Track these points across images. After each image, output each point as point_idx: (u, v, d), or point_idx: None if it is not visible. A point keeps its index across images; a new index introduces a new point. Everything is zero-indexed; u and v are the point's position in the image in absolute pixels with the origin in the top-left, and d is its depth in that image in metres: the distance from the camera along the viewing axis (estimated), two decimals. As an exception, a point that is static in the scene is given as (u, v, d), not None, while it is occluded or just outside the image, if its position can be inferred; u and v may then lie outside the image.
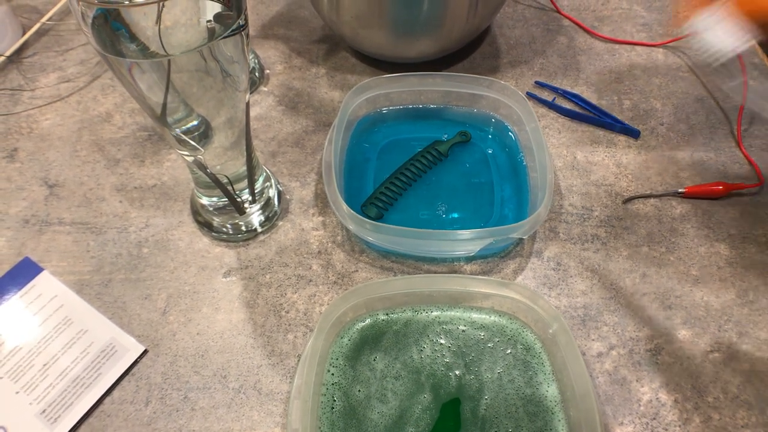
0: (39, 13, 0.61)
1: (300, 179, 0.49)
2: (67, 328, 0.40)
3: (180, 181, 0.48)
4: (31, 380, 0.38)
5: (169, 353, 0.39)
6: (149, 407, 0.37)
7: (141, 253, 0.44)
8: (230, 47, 0.32)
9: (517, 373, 0.37)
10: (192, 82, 0.31)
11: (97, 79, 0.56)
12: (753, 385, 0.38)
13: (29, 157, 0.50)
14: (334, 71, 0.57)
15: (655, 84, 0.56)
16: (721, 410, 0.37)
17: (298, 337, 0.40)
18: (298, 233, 0.45)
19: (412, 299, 0.40)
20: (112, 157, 0.50)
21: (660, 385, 0.38)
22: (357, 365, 0.37)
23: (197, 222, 0.45)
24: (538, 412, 0.36)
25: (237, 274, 0.43)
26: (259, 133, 0.52)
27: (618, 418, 0.37)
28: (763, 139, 0.51)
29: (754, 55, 0.58)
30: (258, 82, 0.55)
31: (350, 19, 0.51)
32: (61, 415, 0.37)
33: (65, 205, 0.47)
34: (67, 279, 0.42)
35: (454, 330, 0.39)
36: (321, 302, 0.42)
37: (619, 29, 0.61)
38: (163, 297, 0.42)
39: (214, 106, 0.34)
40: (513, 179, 0.47)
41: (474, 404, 0.36)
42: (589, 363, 0.39)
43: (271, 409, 0.37)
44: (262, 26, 0.61)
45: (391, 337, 0.39)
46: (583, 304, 0.42)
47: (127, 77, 0.31)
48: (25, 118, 0.53)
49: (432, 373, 0.37)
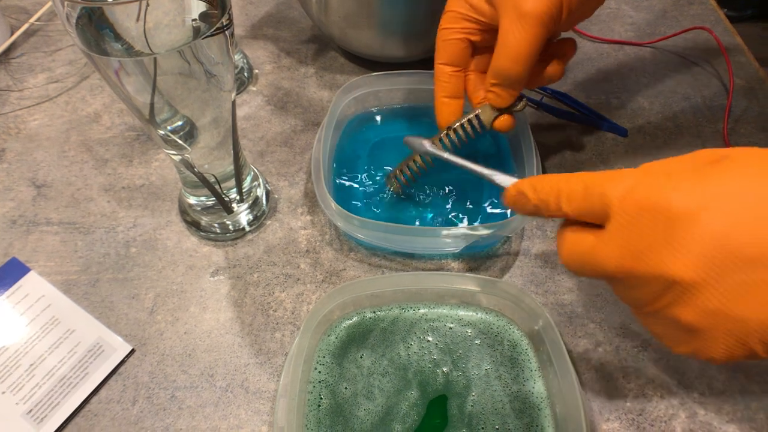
0: (27, 14, 0.61)
1: (288, 178, 0.49)
2: (54, 328, 0.40)
3: (168, 181, 0.48)
4: (17, 380, 0.38)
5: (157, 352, 0.39)
6: (136, 406, 0.37)
7: (129, 252, 0.44)
8: (214, 47, 0.32)
9: (503, 370, 0.37)
10: (176, 84, 0.32)
11: (86, 79, 0.56)
12: (738, 380, 0.38)
13: (17, 157, 0.50)
14: (323, 71, 0.57)
15: (643, 83, 0.56)
16: (706, 405, 0.37)
17: (286, 336, 0.40)
18: (287, 232, 0.45)
19: (400, 297, 0.40)
20: (100, 157, 0.50)
21: (646, 381, 0.38)
22: (344, 363, 0.37)
23: (185, 221, 0.45)
24: (525, 408, 0.36)
25: (225, 273, 0.43)
26: (248, 133, 0.52)
27: (604, 414, 0.37)
28: (749, 138, 0.52)
29: (740, 54, 0.58)
30: (247, 82, 0.55)
31: (338, 20, 0.51)
32: (47, 414, 0.37)
33: (53, 206, 0.47)
34: (54, 279, 0.42)
35: (442, 327, 0.39)
36: (309, 301, 0.42)
37: (607, 29, 0.61)
38: (150, 296, 0.42)
39: (198, 107, 0.34)
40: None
41: (461, 401, 0.36)
42: (576, 360, 0.39)
43: (258, 408, 0.37)
44: (251, 26, 0.61)
45: (378, 335, 0.39)
46: (570, 301, 0.42)
47: (113, 78, 0.31)
48: (13, 118, 0.52)
49: (419, 370, 0.37)
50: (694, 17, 0.63)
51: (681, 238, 0.24)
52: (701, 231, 0.23)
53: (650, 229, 0.25)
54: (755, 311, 0.23)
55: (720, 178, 0.24)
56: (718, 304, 0.24)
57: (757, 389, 0.38)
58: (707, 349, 0.25)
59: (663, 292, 0.25)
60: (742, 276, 0.23)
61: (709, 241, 0.23)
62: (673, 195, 0.24)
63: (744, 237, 0.23)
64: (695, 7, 0.64)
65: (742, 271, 0.23)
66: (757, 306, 0.23)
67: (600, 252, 0.27)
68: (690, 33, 0.60)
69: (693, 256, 0.23)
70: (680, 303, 0.25)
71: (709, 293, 0.24)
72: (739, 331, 0.24)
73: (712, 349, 0.25)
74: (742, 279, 0.23)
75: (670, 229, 0.24)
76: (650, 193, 0.25)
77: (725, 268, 0.23)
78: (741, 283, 0.23)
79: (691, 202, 0.24)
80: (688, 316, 0.25)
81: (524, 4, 0.34)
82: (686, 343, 0.26)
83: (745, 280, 0.23)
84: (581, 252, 0.28)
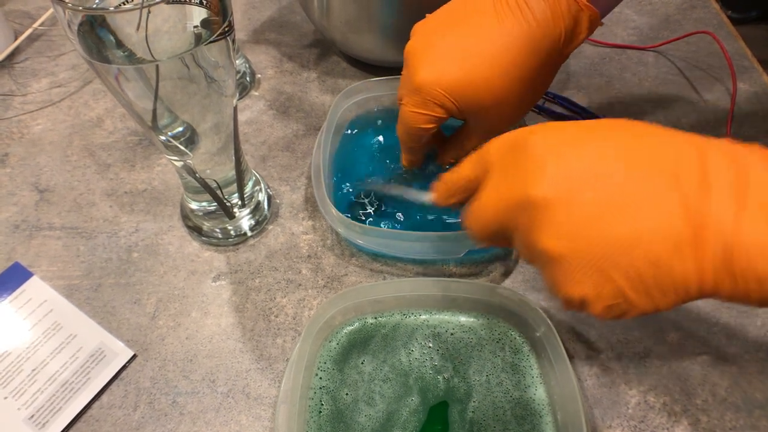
0: (31, 18, 0.61)
1: (290, 183, 0.49)
2: (56, 333, 0.40)
3: (170, 186, 0.48)
4: (19, 385, 0.38)
5: (158, 358, 0.39)
6: (138, 412, 0.37)
7: (131, 257, 0.44)
8: (216, 52, 0.32)
9: (505, 377, 0.37)
10: (175, 90, 0.32)
11: (89, 84, 0.56)
12: (741, 387, 0.38)
13: (20, 162, 0.50)
14: (325, 75, 0.57)
15: (646, 87, 0.56)
16: (709, 412, 0.37)
17: (287, 342, 0.40)
18: (288, 237, 0.45)
19: (401, 303, 0.40)
20: (103, 161, 0.50)
21: (648, 387, 0.38)
22: (345, 369, 0.37)
23: (187, 226, 0.45)
24: (526, 415, 0.36)
25: (226, 279, 0.43)
26: (250, 138, 0.52)
27: (606, 421, 0.37)
28: (753, 142, 0.51)
29: (744, 58, 0.58)
30: (249, 86, 0.55)
31: (340, 24, 0.51)
32: (49, 420, 0.37)
33: (55, 210, 0.47)
34: (56, 284, 0.43)
35: (443, 333, 0.39)
36: (310, 306, 0.42)
37: (609, 33, 0.61)
38: (152, 301, 0.42)
39: (198, 113, 0.34)
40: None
41: (462, 407, 0.36)
42: (578, 366, 0.39)
43: (259, 414, 0.37)
44: (253, 31, 0.61)
45: (380, 341, 0.39)
46: (571, 307, 0.42)
47: (114, 84, 0.31)
48: (17, 123, 0.53)
49: (420, 376, 0.37)
50: (698, 21, 0.62)
51: (536, 163, 0.26)
52: (555, 158, 0.26)
53: (512, 164, 0.27)
54: (603, 231, 0.24)
55: (571, 129, 0.27)
56: (572, 225, 0.25)
57: (761, 397, 0.38)
58: (576, 288, 0.26)
59: (524, 219, 0.26)
60: (597, 191, 0.25)
61: (562, 163, 0.26)
62: (530, 136, 0.27)
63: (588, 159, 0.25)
64: (698, 11, 0.64)
65: (592, 189, 0.25)
66: (605, 226, 0.24)
67: (483, 202, 0.29)
68: (693, 37, 0.60)
69: (548, 177, 0.25)
70: (539, 226, 0.26)
71: (562, 212, 0.25)
72: (599, 258, 0.25)
73: (581, 286, 0.25)
74: (597, 194, 0.25)
75: (526, 160, 0.26)
76: (513, 135, 0.28)
77: (580, 186, 0.25)
78: (591, 202, 0.25)
79: (545, 140, 0.27)
80: (548, 241, 0.26)
81: (416, 79, 0.36)
82: (558, 280, 0.26)
83: (594, 198, 0.24)
84: (472, 212, 0.30)
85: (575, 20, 0.36)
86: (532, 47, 0.36)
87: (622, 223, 0.24)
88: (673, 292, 0.24)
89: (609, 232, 0.24)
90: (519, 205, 0.26)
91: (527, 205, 0.26)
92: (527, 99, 0.39)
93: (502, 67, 0.36)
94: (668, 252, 0.23)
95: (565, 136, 0.27)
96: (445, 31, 0.37)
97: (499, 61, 0.35)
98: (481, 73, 0.36)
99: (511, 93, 0.37)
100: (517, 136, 0.28)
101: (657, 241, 0.24)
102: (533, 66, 0.36)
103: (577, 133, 0.27)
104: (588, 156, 0.25)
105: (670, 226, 0.23)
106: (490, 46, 0.35)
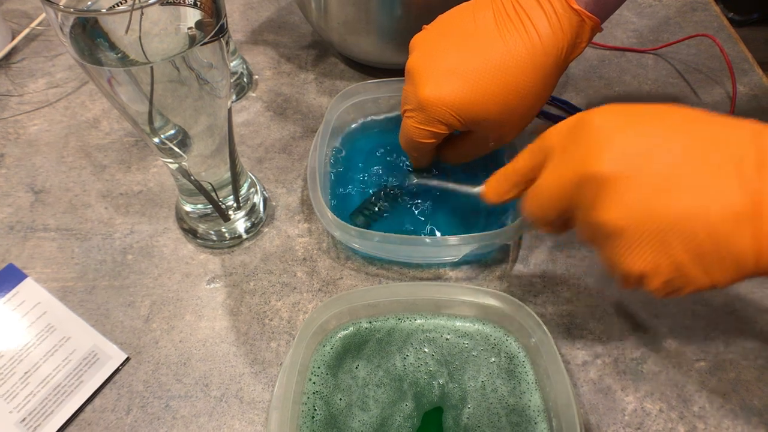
0: (29, 18, 0.61)
1: (287, 185, 0.48)
2: (50, 335, 0.40)
3: (166, 188, 0.48)
4: (11, 388, 0.38)
5: (152, 361, 0.39)
6: (130, 415, 0.37)
7: (125, 259, 0.44)
8: (209, 54, 0.32)
9: (500, 382, 0.37)
10: (166, 93, 0.31)
11: (85, 84, 0.56)
12: (738, 394, 0.38)
13: (16, 162, 0.50)
14: (323, 77, 0.57)
15: (645, 90, 0.56)
16: (706, 419, 0.37)
17: (281, 346, 0.40)
18: (284, 240, 0.45)
19: (396, 307, 0.40)
20: (99, 163, 0.50)
21: (645, 394, 0.38)
22: (339, 373, 0.37)
23: (182, 229, 0.45)
24: (521, 421, 0.36)
25: (221, 282, 0.43)
26: (246, 139, 0.51)
27: (602, 428, 0.37)
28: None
29: (744, 61, 0.58)
30: (246, 87, 0.55)
31: (338, 26, 0.51)
32: (41, 423, 0.36)
33: (51, 212, 0.46)
34: (50, 286, 0.42)
35: (438, 338, 0.39)
36: (305, 310, 0.41)
37: (609, 35, 0.61)
38: (146, 304, 0.42)
39: (191, 115, 0.34)
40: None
41: (456, 413, 0.36)
42: (574, 372, 0.39)
43: (252, 418, 0.37)
44: (251, 32, 0.61)
45: (374, 345, 0.38)
46: (568, 312, 0.41)
47: (106, 87, 0.31)
48: (13, 123, 0.52)
49: (415, 381, 0.37)
50: (698, 24, 0.62)
51: (598, 141, 0.27)
52: (616, 135, 0.27)
53: (573, 144, 0.28)
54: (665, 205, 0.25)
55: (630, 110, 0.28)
56: (634, 199, 0.26)
57: (759, 404, 0.37)
58: (636, 262, 0.26)
59: (587, 195, 0.27)
60: (658, 166, 0.25)
61: (623, 140, 0.26)
62: (590, 116, 0.28)
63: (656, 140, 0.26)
64: (699, 14, 0.63)
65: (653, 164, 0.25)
66: (666, 200, 0.25)
67: (545, 183, 0.30)
68: (693, 40, 0.59)
69: (610, 153, 0.26)
70: (601, 201, 0.26)
71: (624, 186, 0.26)
72: (660, 231, 0.25)
73: (641, 260, 0.26)
74: (658, 169, 0.25)
75: (588, 139, 0.27)
76: (572, 119, 0.29)
77: (642, 162, 0.26)
78: (652, 176, 0.25)
79: (605, 119, 0.28)
80: (611, 215, 0.26)
81: (422, 94, 0.37)
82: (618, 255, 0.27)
83: (655, 172, 0.25)
84: (532, 195, 0.31)
85: (577, 32, 0.36)
86: (537, 63, 0.36)
87: (683, 197, 0.25)
88: (731, 267, 0.25)
89: (670, 205, 0.25)
90: (582, 181, 0.27)
91: (590, 181, 0.27)
92: (532, 109, 0.39)
93: (509, 85, 0.36)
94: (728, 226, 0.24)
95: (624, 116, 0.28)
96: (448, 48, 0.37)
97: (505, 79, 0.36)
98: (487, 92, 0.36)
99: (517, 107, 0.37)
100: (577, 118, 0.29)
101: (717, 214, 0.24)
102: (538, 80, 0.37)
103: (635, 114, 0.28)
104: (647, 133, 0.26)
105: (730, 202, 0.24)
106: (495, 66, 0.36)
